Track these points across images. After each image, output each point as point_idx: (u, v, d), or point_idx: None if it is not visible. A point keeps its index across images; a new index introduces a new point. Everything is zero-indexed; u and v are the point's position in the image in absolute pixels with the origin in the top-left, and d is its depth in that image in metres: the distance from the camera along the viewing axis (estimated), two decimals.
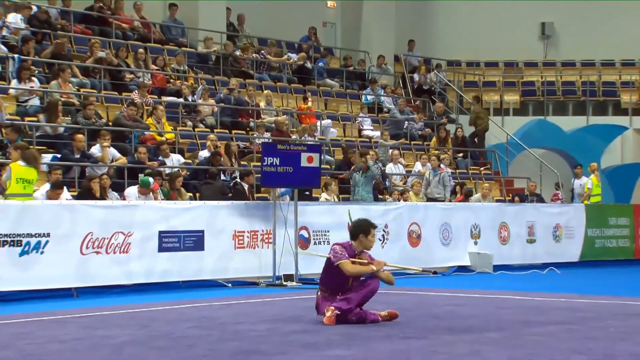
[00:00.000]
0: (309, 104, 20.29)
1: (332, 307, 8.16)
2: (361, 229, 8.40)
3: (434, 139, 21.64)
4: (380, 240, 14.96)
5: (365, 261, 8.34)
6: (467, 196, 18.50)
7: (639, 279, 15.69)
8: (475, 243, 16.49)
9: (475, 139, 22.55)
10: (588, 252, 18.26)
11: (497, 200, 19.74)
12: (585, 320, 8.89)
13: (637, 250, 19.19)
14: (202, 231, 12.80)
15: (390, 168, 18.63)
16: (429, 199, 16.80)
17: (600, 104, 26.63)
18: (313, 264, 13.65)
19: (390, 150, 19.84)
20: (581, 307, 10.31)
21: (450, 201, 17.11)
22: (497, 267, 16.20)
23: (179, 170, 15.05)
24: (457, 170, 21.08)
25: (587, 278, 15.59)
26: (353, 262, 8.27)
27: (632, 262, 18.89)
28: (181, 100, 18.16)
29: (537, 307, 10.19)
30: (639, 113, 26.09)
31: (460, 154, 21.74)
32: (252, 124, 18.84)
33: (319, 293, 8.45)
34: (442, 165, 17.56)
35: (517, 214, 17.27)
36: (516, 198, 20.35)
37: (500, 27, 27.48)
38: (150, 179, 13.56)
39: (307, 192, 14.98)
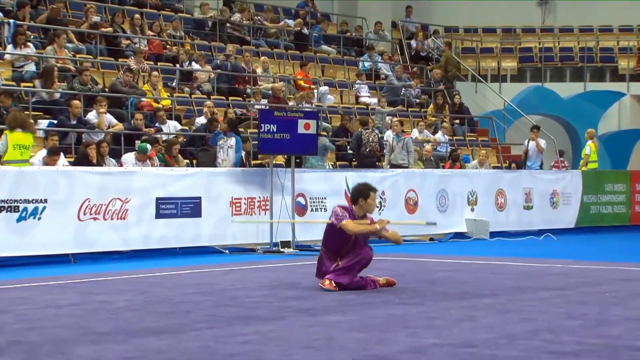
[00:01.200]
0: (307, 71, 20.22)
1: (330, 281, 8.20)
2: (361, 193, 8.39)
3: (431, 105, 21.61)
4: (377, 207, 14.98)
5: (368, 221, 8.35)
6: (454, 160, 18.48)
7: (633, 245, 15.77)
8: (472, 210, 16.54)
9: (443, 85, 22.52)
10: (584, 219, 18.33)
11: (494, 167, 19.76)
12: (579, 285, 8.96)
13: (632, 217, 19.25)
14: (199, 198, 12.82)
15: (388, 135, 18.62)
16: (393, 165, 16.32)
17: (597, 70, 26.57)
18: (310, 231, 13.71)
19: (388, 118, 19.82)
20: (576, 272, 10.38)
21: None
22: (493, 234, 16.27)
23: (175, 137, 15.04)
24: (454, 137, 21.09)
25: (582, 244, 15.67)
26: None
27: (628, 228, 18.97)
28: (177, 66, 18.09)
29: (533, 273, 10.26)
30: (636, 79, 26.03)
31: (457, 121, 21.73)
32: (248, 90, 18.80)
33: (321, 254, 8.47)
34: (405, 131, 17.14)
35: (513, 181, 17.30)
36: (513, 165, 20.38)
37: None
38: (148, 146, 13.55)
39: (298, 160, 14.90)
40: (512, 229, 17.16)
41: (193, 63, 18.23)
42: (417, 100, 22.24)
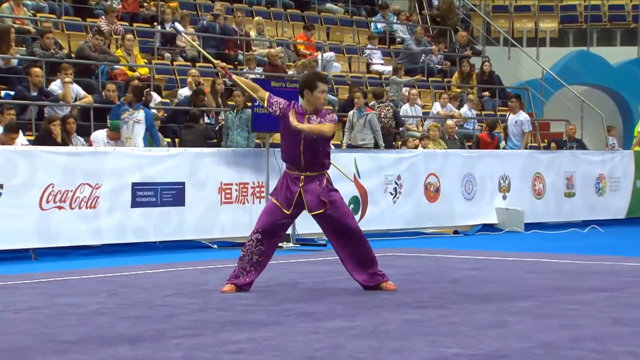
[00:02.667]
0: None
1: (232, 285, 8.32)
2: (306, 83, 8.24)
3: (456, 74, 21.61)
4: (391, 194, 15.03)
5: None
6: (491, 128, 18.42)
7: None
8: (504, 197, 16.56)
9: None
10: (636, 207, 18.34)
11: (530, 147, 19.77)
12: (630, 285, 8.97)
13: None
14: (183, 183, 12.86)
15: (405, 110, 18.65)
16: (350, 146, 15.50)
17: None
18: (313, 223, 13.70)
19: (405, 89, 19.82)
20: (626, 271, 10.39)
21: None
22: (529, 226, 16.29)
23: (155, 111, 15.05)
24: (483, 112, 21.08)
25: (634, 237, 15.67)
26: (285, 117, 8.18)
27: None
28: (157, 28, 18.08)
29: (575, 271, 10.28)
30: None
31: (487, 93, 21.72)
32: (240, 57, 18.79)
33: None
34: (369, 105, 16.27)
35: (553, 163, 17.31)
36: (552, 144, 20.38)
37: None
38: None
39: None
40: (551, 220, 17.19)
41: (176, 24, 18.23)
42: (440, 68, 22.21)
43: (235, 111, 14.44)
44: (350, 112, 15.98)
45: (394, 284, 8.43)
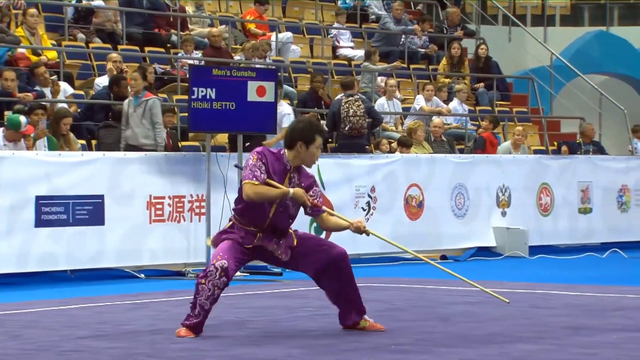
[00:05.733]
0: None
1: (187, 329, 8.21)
2: (302, 134, 8.24)
3: (444, 60, 21.69)
4: (364, 210, 15.04)
5: (282, 187, 8.17)
6: (494, 125, 18.45)
7: None
8: (504, 214, 16.63)
9: None
10: None
11: (536, 151, 19.89)
12: None
13: None
14: (102, 197, 12.80)
15: (380, 105, 18.68)
16: (129, 147, 14.20)
17: None
18: None
19: (381, 79, 19.86)
20: None
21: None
22: (534, 249, 16.36)
23: (66, 106, 14.97)
24: (477, 108, 21.18)
25: None
26: (267, 184, 8.15)
27: None
28: (66, 2, 17.98)
29: (593, 307, 10.33)
30: None
31: (482, 84, 21.83)
32: (174, 37, 18.73)
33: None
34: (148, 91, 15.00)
35: (564, 171, 17.42)
36: (564, 147, 20.50)
37: None
38: (22, 118, 13.47)
39: (249, 144, 14.86)
40: (562, 242, 17.28)
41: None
42: (424, 53, 22.29)
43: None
44: (126, 101, 14.58)
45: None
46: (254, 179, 8.12)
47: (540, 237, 16.82)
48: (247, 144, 14.58)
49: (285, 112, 15.01)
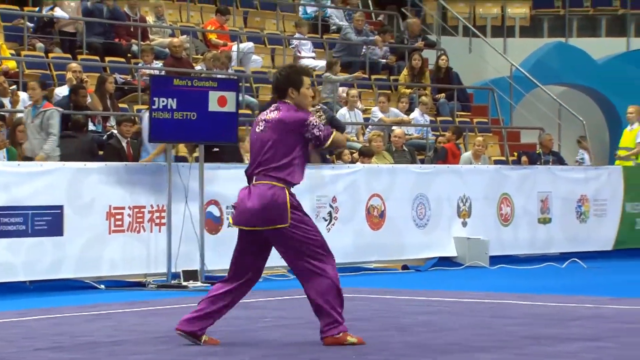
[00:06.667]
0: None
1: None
2: (289, 81, 8.32)
3: (405, 71, 21.74)
4: (325, 220, 15.03)
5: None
6: (458, 135, 18.53)
7: None
8: (464, 224, 16.67)
9: None
10: (627, 237, 18.57)
11: (496, 162, 19.97)
12: (620, 333, 9.06)
13: None
14: (61, 207, 12.73)
15: (342, 115, 18.69)
16: (26, 159, 13.90)
17: None
18: (225, 255, 13.61)
19: (342, 89, 19.88)
20: (615, 315, 10.50)
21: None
22: (495, 259, 16.41)
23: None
24: (438, 118, 21.24)
25: (624, 274, 15.86)
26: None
27: None
28: (28, 12, 17.89)
29: (552, 316, 10.36)
30: None
31: (442, 94, 21.90)
32: (134, 47, 18.67)
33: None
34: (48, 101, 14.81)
35: (524, 182, 17.48)
36: (524, 158, 20.58)
37: None
38: None
39: (217, 149, 14.88)
40: (522, 252, 17.33)
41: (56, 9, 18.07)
42: (385, 63, 22.34)
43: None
44: (25, 112, 14.42)
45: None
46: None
47: (501, 247, 16.87)
48: (215, 150, 14.63)
49: None
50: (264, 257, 8.35)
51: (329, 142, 8.26)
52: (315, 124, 8.21)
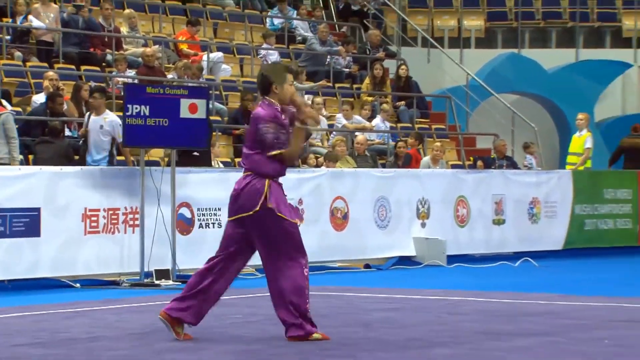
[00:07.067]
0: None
1: None
2: (272, 78, 8.33)
3: (367, 80, 21.78)
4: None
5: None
6: (419, 141, 18.63)
7: None
8: (423, 225, 16.71)
9: None
10: (576, 237, 18.68)
11: (453, 166, 20.04)
12: (569, 329, 9.12)
13: None
14: (38, 209, 12.66)
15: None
16: None
17: (594, 31, 27.19)
18: (196, 255, 13.62)
19: (308, 97, 19.90)
20: (565, 311, 10.56)
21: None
22: (452, 258, 16.46)
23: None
24: (399, 125, 21.29)
25: (574, 272, 15.97)
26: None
27: (636, 250, 19.34)
28: (6, 22, 17.81)
29: (506, 312, 10.41)
30: None
31: (403, 102, 21.96)
32: (109, 57, 18.61)
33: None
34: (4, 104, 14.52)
35: (479, 185, 17.55)
36: (479, 162, 20.67)
37: None
38: None
39: (196, 153, 14.88)
40: (477, 252, 17.39)
41: (30, 18, 17.97)
42: (348, 72, 22.38)
43: None
44: None
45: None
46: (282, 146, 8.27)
47: (458, 247, 16.92)
48: (195, 154, 14.64)
49: (117, 122, 14.51)
50: (248, 245, 8.34)
51: (272, 153, 8.28)
52: (266, 127, 8.21)
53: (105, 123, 14.32)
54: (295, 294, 8.14)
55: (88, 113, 14.68)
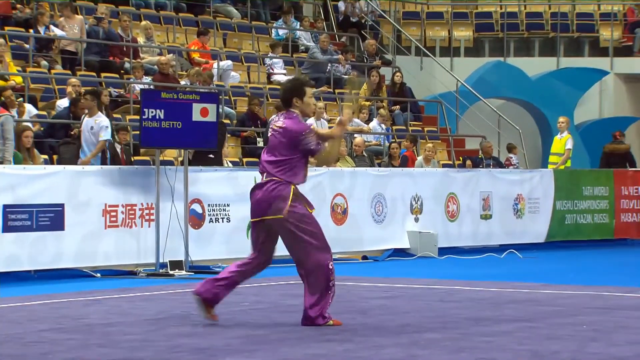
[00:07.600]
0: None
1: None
2: (293, 91, 8.37)
3: (364, 86, 21.79)
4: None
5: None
6: (413, 142, 18.65)
7: (618, 264, 16.17)
8: (416, 220, 16.72)
9: None
10: (557, 231, 18.70)
11: (444, 165, 20.04)
12: (550, 315, 9.14)
13: (617, 229, 19.70)
14: (62, 205, 12.67)
15: (310, 124, 18.67)
16: None
17: (573, 41, 27.16)
18: (208, 247, 13.65)
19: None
20: (546, 299, 10.58)
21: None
22: (443, 250, 16.47)
23: (31, 125, 14.81)
24: (394, 127, 21.29)
25: (554, 263, 15.98)
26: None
27: (612, 243, 19.41)
28: (32, 33, 17.83)
29: (491, 300, 10.42)
30: (622, 53, 26.66)
31: (397, 106, 21.96)
32: (127, 65, 18.63)
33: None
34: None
35: (468, 183, 17.55)
36: (468, 162, 20.68)
37: None
38: None
39: (212, 155, 14.93)
40: (466, 244, 17.41)
41: (52, 27, 17.99)
42: (347, 78, 22.37)
43: None
44: None
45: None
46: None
47: (448, 240, 16.93)
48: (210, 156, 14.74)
49: (104, 125, 14.54)
50: (272, 241, 8.41)
51: (318, 154, 8.41)
52: (308, 138, 8.24)
53: (95, 124, 14.29)
54: (319, 287, 8.28)
55: (83, 115, 14.66)
